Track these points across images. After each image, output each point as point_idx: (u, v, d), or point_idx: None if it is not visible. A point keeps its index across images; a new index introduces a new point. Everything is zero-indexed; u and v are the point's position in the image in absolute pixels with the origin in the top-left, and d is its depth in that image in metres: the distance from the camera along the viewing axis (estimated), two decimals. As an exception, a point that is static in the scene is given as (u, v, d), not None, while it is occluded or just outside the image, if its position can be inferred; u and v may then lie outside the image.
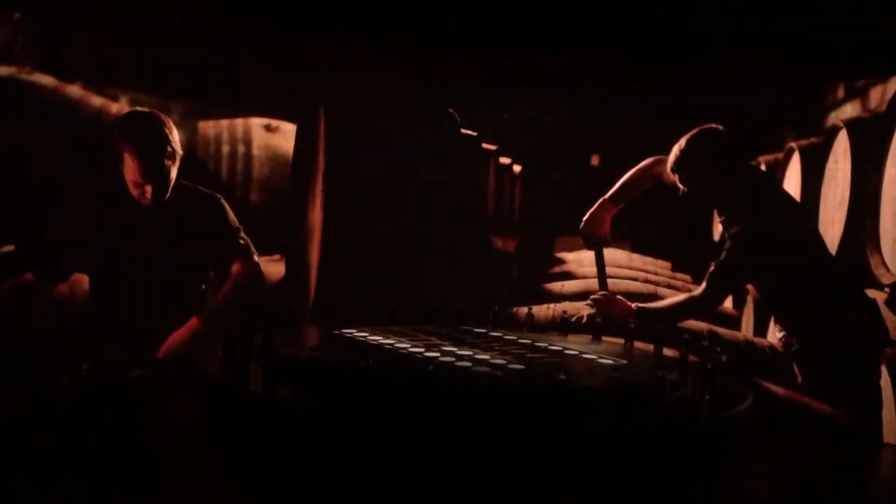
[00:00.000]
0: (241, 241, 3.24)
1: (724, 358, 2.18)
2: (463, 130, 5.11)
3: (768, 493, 2.89)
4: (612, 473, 1.95)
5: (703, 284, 3.33)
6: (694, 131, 3.30)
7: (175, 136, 3.06)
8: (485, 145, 5.25)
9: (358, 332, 2.61)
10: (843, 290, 3.46)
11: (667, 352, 2.63)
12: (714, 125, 3.33)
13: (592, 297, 3.44)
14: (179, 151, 3.08)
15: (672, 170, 3.32)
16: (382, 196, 4.92)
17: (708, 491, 2.20)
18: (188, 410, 2.48)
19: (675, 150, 3.30)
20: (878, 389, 3.50)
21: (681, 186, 3.32)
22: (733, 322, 4.84)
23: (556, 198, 5.16)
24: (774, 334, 3.63)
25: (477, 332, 2.76)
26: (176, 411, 2.64)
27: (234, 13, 4.24)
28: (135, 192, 3.03)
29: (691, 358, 2.24)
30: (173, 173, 3.04)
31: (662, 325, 3.05)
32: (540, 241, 5.35)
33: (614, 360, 2.37)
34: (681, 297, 3.60)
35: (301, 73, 4.71)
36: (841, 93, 4.73)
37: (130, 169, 2.98)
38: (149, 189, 3.00)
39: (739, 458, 2.42)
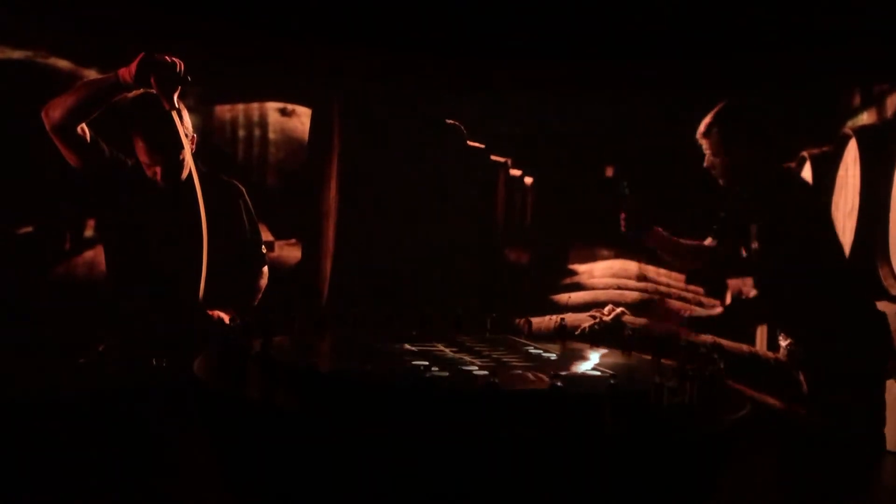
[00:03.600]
0: (257, 235, 3.29)
1: (721, 366, 2.18)
2: (469, 143, 5.13)
3: (768, 499, 2.87)
4: (609, 477, 1.94)
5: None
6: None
7: (185, 119, 3.03)
8: (494, 157, 5.25)
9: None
10: (853, 300, 3.45)
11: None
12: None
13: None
14: (190, 134, 3.06)
15: (702, 134, 3.66)
16: (389, 204, 4.96)
17: (705, 496, 2.19)
18: (188, 413, 2.50)
19: (707, 117, 3.66)
20: (882, 399, 3.47)
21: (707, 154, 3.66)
22: (747, 336, 4.79)
23: (568, 209, 5.14)
24: (780, 343, 3.61)
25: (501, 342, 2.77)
26: (176, 414, 2.66)
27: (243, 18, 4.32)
28: (148, 172, 3.06)
29: (689, 366, 2.23)
30: (185, 156, 3.01)
31: (675, 257, 3.64)
32: (552, 252, 5.33)
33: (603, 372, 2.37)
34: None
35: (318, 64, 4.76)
36: (857, 101, 4.69)
37: (141, 150, 3.02)
38: (158, 171, 3.03)
39: (738, 465, 2.40)
